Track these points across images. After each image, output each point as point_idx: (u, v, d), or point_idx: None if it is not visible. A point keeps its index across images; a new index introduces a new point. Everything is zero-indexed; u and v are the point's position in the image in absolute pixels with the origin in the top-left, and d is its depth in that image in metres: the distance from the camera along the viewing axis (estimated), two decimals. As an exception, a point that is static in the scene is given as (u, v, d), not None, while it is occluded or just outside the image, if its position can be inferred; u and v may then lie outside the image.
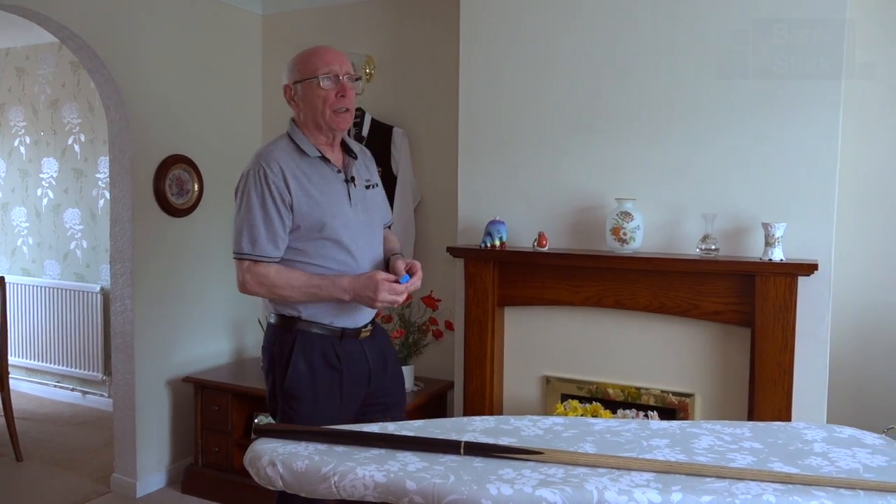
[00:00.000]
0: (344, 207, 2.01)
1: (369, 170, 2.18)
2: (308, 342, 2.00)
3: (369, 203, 2.11)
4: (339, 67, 1.98)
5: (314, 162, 2.01)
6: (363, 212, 2.07)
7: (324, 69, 1.96)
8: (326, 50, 2.02)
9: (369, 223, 2.09)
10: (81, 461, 3.89)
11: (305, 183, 1.96)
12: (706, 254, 2.58)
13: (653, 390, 2.78)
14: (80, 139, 4.86)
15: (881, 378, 2.76)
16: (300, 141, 2.01)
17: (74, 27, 3.06)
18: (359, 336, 2.08)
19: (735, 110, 2.62)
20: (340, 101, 1.98)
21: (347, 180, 2.05)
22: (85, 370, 4.83)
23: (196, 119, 3.71)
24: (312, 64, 1.98)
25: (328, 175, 2.02)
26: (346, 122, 2.01)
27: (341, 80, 1.97)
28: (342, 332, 2.03)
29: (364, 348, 2.09)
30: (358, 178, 2.09)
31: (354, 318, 2.06)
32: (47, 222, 5.04)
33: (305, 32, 3.94)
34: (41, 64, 5.00)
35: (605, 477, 1.11)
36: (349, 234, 2.00)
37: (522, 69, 2.97)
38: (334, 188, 2.02)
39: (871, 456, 1.23)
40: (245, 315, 4.04)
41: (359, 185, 2.08)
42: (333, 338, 2.03)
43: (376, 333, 2.16)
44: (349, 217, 2.02)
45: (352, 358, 2.05)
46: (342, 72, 1.98)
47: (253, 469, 1.25)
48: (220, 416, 3.45)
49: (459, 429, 1.35)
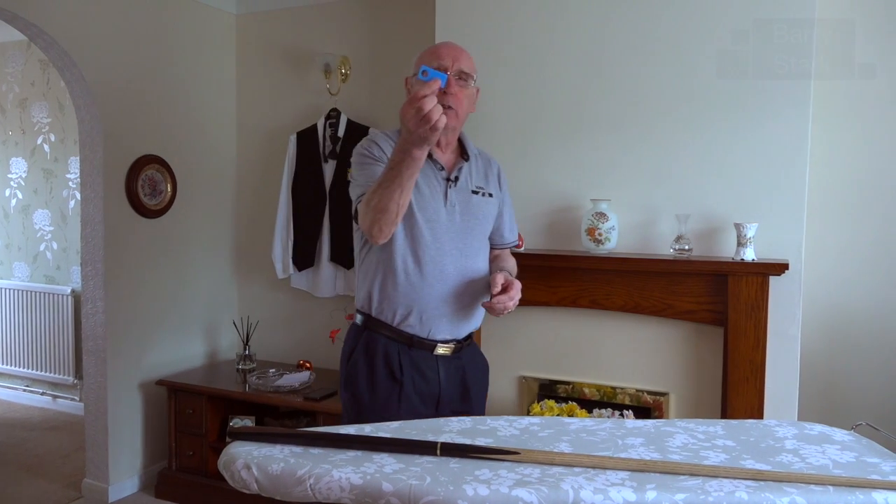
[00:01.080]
0: (436, 204, 1.86)
1: (487, 179, 2.00)
2: (372, 342, 1.88)
3: (473, 209, 1.92)
4: (450, 63, 1.83)
5: None
6: (461, 215, 1.90)
7: (432, 62, 1.83)
8: (443, 45, 1.90)
9: (466, 230, 1.90)
10: (52, 466, 3.82)
11: None
12: (680, 254, 2.61)
13: (628, 389, 2.81)
14: (49, 139, 4.78)
15: (850, 375, 2.82)
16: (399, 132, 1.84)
17: (43, 25, 3.01)
18: (434, 350, 1.88)
19: (708, 112, 2.66)
20: (442, 97, 1.78)
21: (449, 178, 1.90)
22: (55, 374, 4.75)
23: (169, 119, 3.66)
24: (423, 58, 1.87)
25: (426, 169, 1.87)
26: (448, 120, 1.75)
27: (449, 75, 1.80)
28: (411, 338, 1.86)
29: (439, 366, 1.89)
30: (464, 180, 1.93)
31: (426, 326, 1.86)
32: (16, 223, 4.95)
33: (280, 32, 3.92)
34: (9, 62, 4.91)
35: (581, 476, 1.11)
36: (433, 234, 1.84)
37: (498, 70, 2.97)
38: (430, 183, 1.87)
39: (841, 452, 1.26)
40: (219, 317, 4.01)
41: (462, 187, 1.91)
42: (401, 344, 1.86)
43: (464, 355, 1.95)
44: (440, 216, 1.86)
45: (419, 371, 1.87)
46: (452, 68, 1.83)
47: (227, 472, 1.24)
48: (195, 419, 3.42)
49: (436, 430, 1.35)
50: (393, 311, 1.86)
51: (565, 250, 2.87)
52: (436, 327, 1.86)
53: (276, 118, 3.94)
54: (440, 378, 1.88)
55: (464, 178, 1.92)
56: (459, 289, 1.87)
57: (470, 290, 1.89)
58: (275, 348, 4.00)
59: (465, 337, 1.95)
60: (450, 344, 1.90)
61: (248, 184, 4.08)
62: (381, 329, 1.87)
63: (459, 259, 1.87)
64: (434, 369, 1.88)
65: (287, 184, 3.73)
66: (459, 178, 1.91)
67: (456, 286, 1.87)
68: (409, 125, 1.47)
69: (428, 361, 1.87)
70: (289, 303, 3.96)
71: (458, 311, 1.89)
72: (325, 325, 3.75)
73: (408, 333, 1.86)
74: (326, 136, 3.65)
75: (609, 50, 2.80)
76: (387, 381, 1.86)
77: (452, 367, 1.91)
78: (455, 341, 1.91)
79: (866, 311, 2.79)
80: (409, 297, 1.84)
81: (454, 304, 1.87)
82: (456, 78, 1.83)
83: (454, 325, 1.89)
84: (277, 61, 3.93)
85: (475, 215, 1.92)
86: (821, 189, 2.77)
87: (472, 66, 1.89)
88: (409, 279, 1.83)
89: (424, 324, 1.85)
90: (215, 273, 3.99)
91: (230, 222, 4.09)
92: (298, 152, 3.72)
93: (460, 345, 1.93)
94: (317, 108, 3.76)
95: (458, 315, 1.89)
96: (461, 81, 1.85)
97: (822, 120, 2.72)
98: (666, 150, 2.72)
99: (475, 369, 2.00)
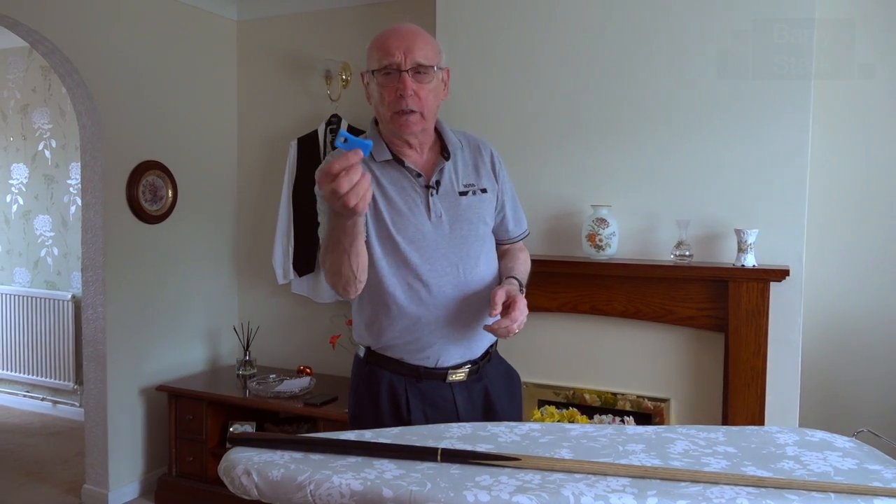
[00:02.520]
0: (418, 220, 1.62)
1: (478, 172, 1.72)
2: (375, 378, 1.67)
3: (464, 213, 1.66)
4: (401, 58, 1.54)
5: (386, 166, 1.64)
6: (450, 225, 1.64)
7: (382, 60, 1.56)
8: (392, 33, 1.60)
9: (460, 240, 1.65)
10: (52, 472, 3.82)
11: (376, 191, 1.60)
12: (680, 260, 2.61)
13: (629, 395, 2.80)
14: (50, 145, 4.79)
15: (851, 381, 2.81)
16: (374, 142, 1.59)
17: (44, 31, 3.02)
18: (446, 378, 1.67)
19: (708, 118, 2.66)
20: (399, 101, 1.56)
21: (429, 185, 1.64)
22: (56, 379, 4.75)
23: (170, 125, 3.67)
24: (373, 52, 1.59)
25: (400, 180, 1.64)
26: (411, 126, 1.59)
27: (402, 74, 1.55)
28: (418, 370, 1.66)
29: (454, 394, 1.67)
30: (448, 183, 1.66)
31: (433, 356, 1.64)
32: (17, 229, 4.95)
33: (281, 38, 3.93)
34: (11, 68, 4.93)
35: (582, 482, 1.11)
36: (422, 255, 1.62)
37: (498, 76, 2.98)
38: (407, 196, 1.63)
39: (842, 459, 1.25)
40: (220, 322, 4.01)
41: (446, 191, 1.65)
42: (408, 378, 1.66)
43: (485, 375, 1.73)
44: (425, 232, 1.62)
45: (431, 404, 1.66)
46: (407, 62, 1.55)
47: (228, 478, 1.24)
48: (195, 425, 3.41)
49: (437, 436, 1.34)
50: (393, 345, 1.66)
51: (566, 256, 2.87)
52: (444, 355, 1.65)
53: (276, 124, 3.95)
54: (457, 407, 1.67)
55: (447, 180, 1.66)
56: (464, 308, 1.65)
57: (477, 306, 1.66)
58: (275, 354, 3.99)
59: (482, 355, 1.72)
60: (463, 368, 1.68)
61: (249, 189, 4.08)
62: (384, 364, 1.68)
63: (458, 275, 1.64)
64: (448, 399, 1.67)
65: (288, 190, 3.73)
66: (442, 181, 1.65)
67: (459, 306, 1.64)
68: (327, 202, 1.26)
69: (440, 391, 1.67)
70: (289, 308, 3.95)
71: (467, 332, 1.67)
72: (326, 330, 3.75)
73: (413, 366, 1.66)
74: (327, 142, 3.65)
75: (609, 54, 2.80)
76: (393, 421, 1.64)
77: (471, 392, 1.70)
78: (470, 363, 1.69)
79: (867, 316, 2.79)
80: (409, 329, 1.63)
81: (461, 327, 1.65)
82: (413, 73, 1.55)
83: (465, 348, 1.68)
84: (278, 67, 3.94)
85: (468, 220, 1.66)
86: (821, 194, 2.77)
87: (431, 54, 1.59)
88: (405, 311, 1.62)
89: (430, 355, 1.65)
90: (216, 278, 3.99)
91: (231, 228, 4.09)
92: (299, 158, 3.72)
93: (477, 365, 1.71)
94: (317, 113, 3.77)
95: (467, 337, 1.67)
96: (420, 76, 1.56)
97: (822, 123, 2.72)
98: (666, 156, 2.72)
99: (500, 386, 1.77)
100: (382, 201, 1.61)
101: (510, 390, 1.80)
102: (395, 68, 1.55)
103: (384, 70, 1.56)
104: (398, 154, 1.65)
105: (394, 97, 1.56)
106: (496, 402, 1.73)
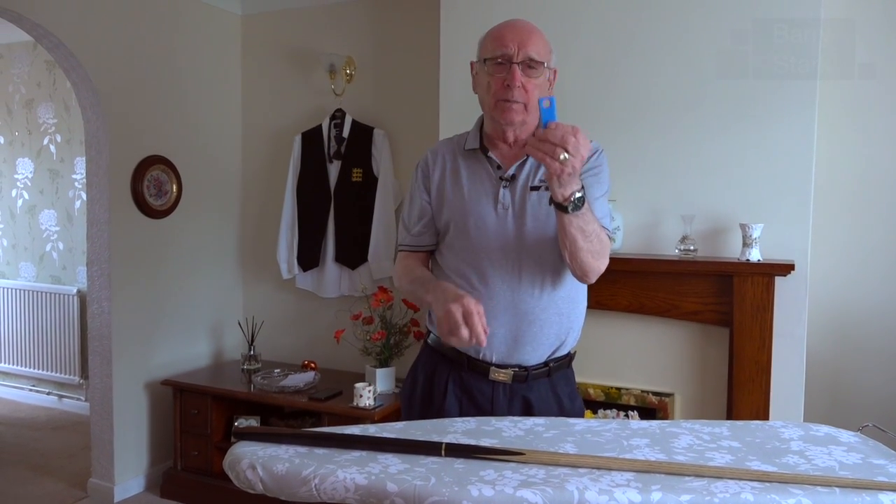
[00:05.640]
0: (482, 209, 1.62)
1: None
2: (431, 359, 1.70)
3: (530, 209, 1.62)
4: (514, 49, 1.56)
5: (471, 154, 1.68)
6: (514, 218, 1.62)
7: (495, 50, 1.58)
8: (508, 26, 1.62)
9: (521, 234, 1.61)
10: (58, 466, 3.83)
11: (452, 176, 1.67)
12: (685, 254, 2.60)
13: (633, 390, 2.80)
14: (55, 139, 4.80)
15: (856, 376, 2.81)
16: (472, 132, 1.72)
17: (49, 25, 3.02)
18: (488, 374, 1.64)
19: (713, 113, 2.65)
20: (505, 91, 1.57)
21: (503, 178, 1.63)
22: (61, 374, 4.77)
23: (174, 120, 3.67)
24: (487, 42, 1.62)
25: (478, 170, 1.66)
26: (514, 115, 1.59)
27: (512, 66, 1.56)
28: (462, 358, 1.66)
29: (495, 394, 1.64)
30: (525, 177, 1.64)
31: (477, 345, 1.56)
32: (22, 224, 4.97)
33: (285, 33, 3.92)
34: (15, 63, 4.93)
35: (586, 477, 1.11)
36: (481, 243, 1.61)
37: (503, 70, 2.97)
38: (480, 185, 1.64)
39: (847, 454, 1.25)
40: (224, 317, 4.02)
41: (520, 186, 1.63)
42: (455, 363, 1.67)
43: (535, 388, 1.66)
44: (488, 221, 1.62)
45: (468, 395, 1.66)
46: (518, 56, 1.56)
47: (233, 473, 1.24)
48: (200, 419, 3.42)
49: (441, 430, 1.35)
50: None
51: (570, 251, 2.86)
52: (489, 348, 1.62)
53: (280, 119, 3.95)
54: (492, 406, 1.64)
55: (525, 175, 1.64)
56: (518, 302, 1.61)
57: (530, 304, 1.61)
58: (280, 348, 4.00)
59: (536, 365, 1.65)
60: (507, 370, 1.63)
61: (253, 184, 4.09)
62: (441, 348, 1.70)
63: (515, 269, 1.61)
64: (486, 395, 1.65)
65: (292, 184, 3.74)
66: (519, 175, 1.64)
67: (513, 299, 1.61)
68: (440, 325, 1.45)
69: (479, 385, 1.65)
70: (294, 303, 3.96)
71: (514, 330, 1.62)
72: (330, 325, 3.76)
73: (459, 352, 1.65)
74: (331, 137, 3.65)
75: (614, 50, 2.79)
76: (423, 404, 1.70)
77: (513, 397, 1.65)
78: (518, 367, 1.64)
79: (873, 311, 2.78)
80: None
81: (507, 322, 1.61)
82: (524, 66, 1.57)
83: (511, 347, 1.63)
84: (282, 62, 3.94)
85: (534, 215, 1.61)
86: (827, 188, 2.76)
87: (543, 50, 1.61)
88: None
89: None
90: (220, 273, 4.00)
91: (235, 223, 4.09)
92: (303, 153, 3.72)
93: (526, 371, 1.64)
94: (321, 108, 3.76)
95: (513, 334, 1.62)
96: (530, 70, 1.58)
97: (826, 119, 2.71)
98: (671, 151, 2.72)
99: (548, 407, 1.67)
100: (454, 186, 1.66)
101: (557, 415, 1.67)
102: (507, 59, 1.57)
103: (496, 59, 1.58)
104: (488, 145, 1.68)
105: (500, 86, 1.58)
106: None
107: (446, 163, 1.70)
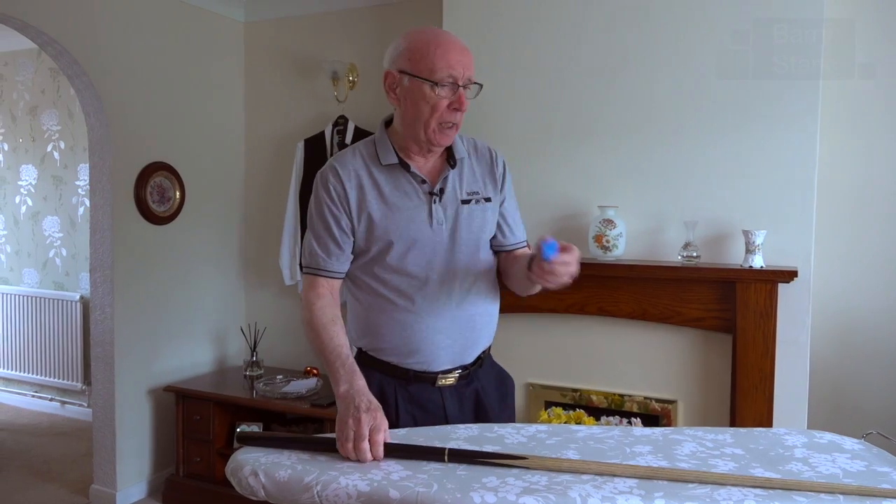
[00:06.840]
0: (418, 226, 1.62)
1: (484, 180, 1.72)
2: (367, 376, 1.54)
3: (465, 221, 1.65)
4: (462, 72, 1.56)
5: (390, 170, 1.64)
6: (449, 232, 1.64)
7: (444, 71, 1.55)
8: (451, 44, 1.59)
9: (458, 247, 1.65)
10: (60, 472, 3.83)
11: (374, 194, 1.62)
12: (688, 261, 2.60)
13: (636, 397, 2.79)
14: (59, 146, 4.82)
15: (860, 383, 2.80)
16: (380, 144, 1.65)
17: (53, 33, 3.04)
18: (435, 382, 1.66)
19: (716, 119, 2.65)
20: (452, 114, 1.58)
21: (433, 192, 1.64)
22: (64, 380, 4.76)
23: (177, 126, 3.68)
24: (431, 60, 1.55)
25: (403, 185, 1.63)
26: (448, 139, 1.62)
27: (459, 89, 1.57)
28: (407, 373, 1.65)
29: (443, 398, 1.67)
30: (451, 191, 1.66)
31: (423, 361, 1.64)
32: (26, 230, 4.98)
33: (288, 40, 3.93)
34: (20, 70, 4.95)
35: (589, 484, 1.11)
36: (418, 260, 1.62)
37: (505, 77, 2.98)
38: (408, 201, 1.62)
39: (851, 461, 1.25)
40: (227, 323, 4.02)
41: (449, 199, 1.65)
42: (398, 380, 1.66)
43: (475, 380, 1.72)
44: (424, 237, 1.62)
45: (419, 406, 1.65)
46: (463, 78, 1.57)
47: (235, 479, 1.24)
48: (202, 425, 3.42)
49: (443, 436, 1.34)
50: (384, 347, 1.66)
51: (573, 257, 2.86)
52: (436, 360, 1.65)
53: (283, 125, 3.96)
54: (445, 411, 1.66)
55: (451, 188, 1.66)
56: (459, 314, 1.66)
57: (471, 313, 1.68)
58: (282, 355, 4.00)
59: (473, 361, 1.72)
60: (453, 373, 1.67)
61: (256, 191, 4.09)
62: (375, 365, 1.67)
63: (454, 282, 1.65)
64: (437, 403, 1.67)
65: (295, 191, 3.74)
66: (446, 189, 1.65)
67: (454, 313, 1.65)
68: (338, 441, 1.30)
69: (429, 395, 1.66)
70: (296, 309, 3.96)
71: (460, 339, 1.67)
72: (333, 331, 3.75)
73: (403, 368, 1.65)
74: (334, 144, 3.66)
75: (616, 56, 2.80)
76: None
77: (461, 396, 1.70)
78: (461, 368, 1.69)
79: (876, 318, 2.77)
80: (400, 334, 1.64)
81: (453, 333, 1.66)
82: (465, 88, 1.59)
83: (457, 354, 1.67)
84: (285, 69, 3.95)
85: (468, 228, 1.66)
86: (829, 194, 2.76)
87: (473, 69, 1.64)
88: (399, 315, 1.63)
89: (422, 359, 1.64)
90: (223, 279, 4.00)
91: (238, 229, 4.10)
92: (306, 159, 3.73)
93: (468, 370, 1.70)
94: (324, 115, 3.77)
95: (459, 343, 1.67)
96: (465, 91, 1.59)
97: (827, 123, 2.71)
98: (674, 157, 2.72)
99: (492, 390, 1.75)
100: (381, 205, 1.62)
101: (502, 394, 1.79)
102: (455, 82, 1.56)
103: (442, 83, 1.56)
104: (405, 159, 1.65)
105: (447, 109, 1.58)
106: (487, 406, 1.73)
107: (361, 179, 1.62)
